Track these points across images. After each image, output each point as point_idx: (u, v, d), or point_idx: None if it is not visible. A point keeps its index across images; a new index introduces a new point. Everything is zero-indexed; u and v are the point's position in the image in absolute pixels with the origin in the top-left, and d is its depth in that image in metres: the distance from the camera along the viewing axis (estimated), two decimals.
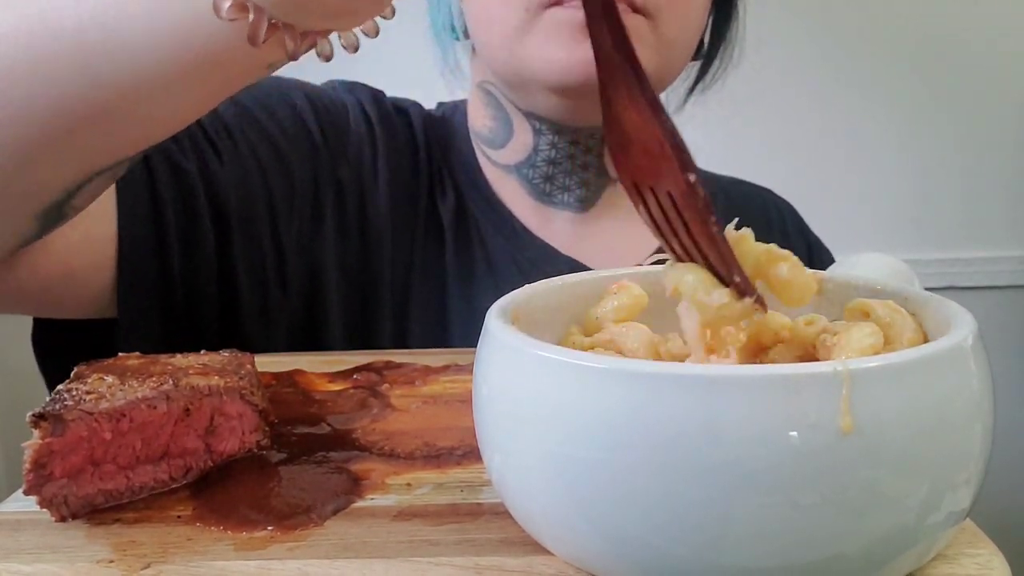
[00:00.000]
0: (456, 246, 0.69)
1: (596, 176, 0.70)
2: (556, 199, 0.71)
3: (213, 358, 0.43)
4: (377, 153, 0.69)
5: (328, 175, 0.66)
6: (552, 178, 0.70)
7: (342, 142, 0.67)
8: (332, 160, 0.66)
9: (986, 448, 0.29)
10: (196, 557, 0.32)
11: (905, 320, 0.33)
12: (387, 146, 0.69)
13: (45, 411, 0.34)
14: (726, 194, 0.79)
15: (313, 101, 0.67)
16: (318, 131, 0.66)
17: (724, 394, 0.25)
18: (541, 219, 0.71)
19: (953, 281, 1.40)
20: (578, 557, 0.30)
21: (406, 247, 0.68)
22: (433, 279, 0.68)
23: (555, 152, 0.69)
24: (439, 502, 0.36)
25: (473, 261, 0.69)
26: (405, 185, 0.69)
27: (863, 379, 0.25)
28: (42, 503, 0.34)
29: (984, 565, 0.30)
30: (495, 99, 0.70)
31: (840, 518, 0.26)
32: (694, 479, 0.25)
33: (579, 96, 0.63)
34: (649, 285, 0.38)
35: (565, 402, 0.27)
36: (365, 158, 0.68)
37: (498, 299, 0.35)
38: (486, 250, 0.69)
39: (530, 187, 0.71)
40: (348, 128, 0.68)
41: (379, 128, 0.69)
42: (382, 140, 0.69)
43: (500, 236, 0.70)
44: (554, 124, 0.67)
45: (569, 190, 0.70)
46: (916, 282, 0.50)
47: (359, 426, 0.44)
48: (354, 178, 0.67)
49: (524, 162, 0.70)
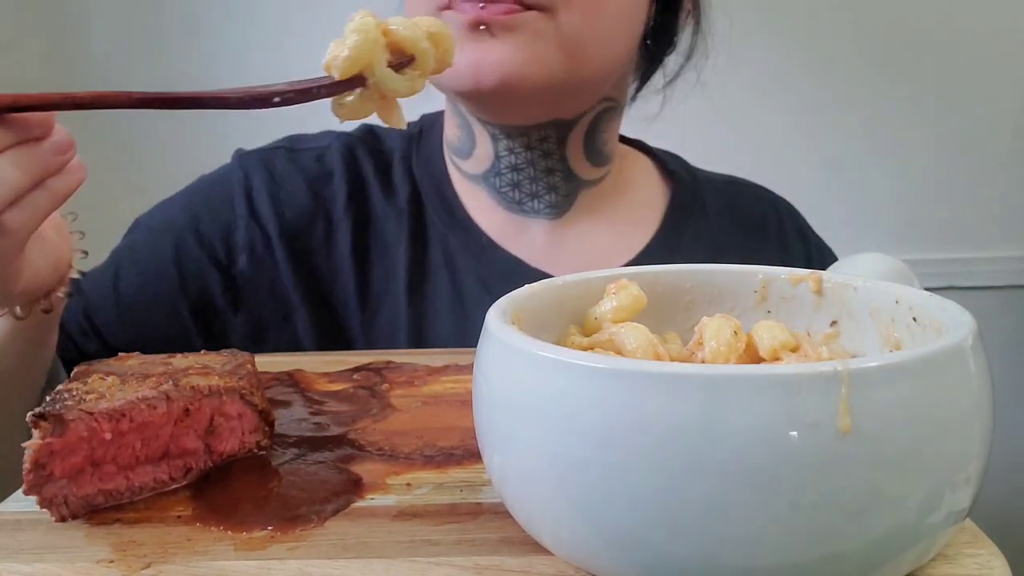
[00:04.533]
0: (420, 267, 0.68)
1: (564, 180, 0.68)
2: (527, 207, 0.69)
3: (213, 358, 0.43)
4: (279, 210, 0.68)
5: (225, 280, 0.67)
6: (519, 185, 0.68)
7: (228, 244, 0.67)
8: (227, 263, 0.67)
9: (986, 448, 0.29)
10: (196, 557, 0.32)
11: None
12: (282, 200, 0.69)
13: (45, 411, 0.34)
14: (722, 195, 0.77)
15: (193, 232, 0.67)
16: (197, 252, 0.67)
17: (724, 394, 0.25)
18: (514, 230, 0.69)
19: (953, 281, 1.40)
20: (578, 557, 0.30)
21: (376, 279, 0.68)
22: (399, 304, 0.67)
23: (515, 158, 0.67)
24: (439, 502, 0.36)
25: (437, 282, 0.68)
26: (366, 219, 0.69)
27: (862, 379, 0.25)
28: (42, 503, 0.34)
29: (984, 565, 0.30)
30: (457, 107, 0.68)
31: (840, 518, 0.26)
32: (693, 479, 0.25)
33: (493, 101, 0.62)
34: (648, 285, 0.38)
35: (565, 402, 0.27)
36: (269, 225, 0.68)
37: (463, 324, 0.35)
38: (453, 268, 0.68)
39: (499, 196, 0.69)
40: (234, 221, 0.68)
41: (277, 190, 0.69)
42: (280, 196, 0.69)
43: (467, 253, 0.68)
44: (501, 127, 0.66)
45: (538, 196, 0.69)
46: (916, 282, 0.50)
47: (359, 426, 0.44)
48: (253, 258, 0.67)
49: (490, 170, 0.68)
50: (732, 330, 0.33)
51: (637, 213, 0.73)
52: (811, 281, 0.39)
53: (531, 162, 0.67)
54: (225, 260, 0.67)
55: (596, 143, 0.68)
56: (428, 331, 0.66)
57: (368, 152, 0.72)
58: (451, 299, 0.67)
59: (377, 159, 0.72)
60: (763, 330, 0.34)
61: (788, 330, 0.35)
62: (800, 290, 0.39)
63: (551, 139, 0.66)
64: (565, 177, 0.68)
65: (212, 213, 0.68)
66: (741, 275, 0.40)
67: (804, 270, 0.39)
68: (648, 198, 0.74)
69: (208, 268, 0.67)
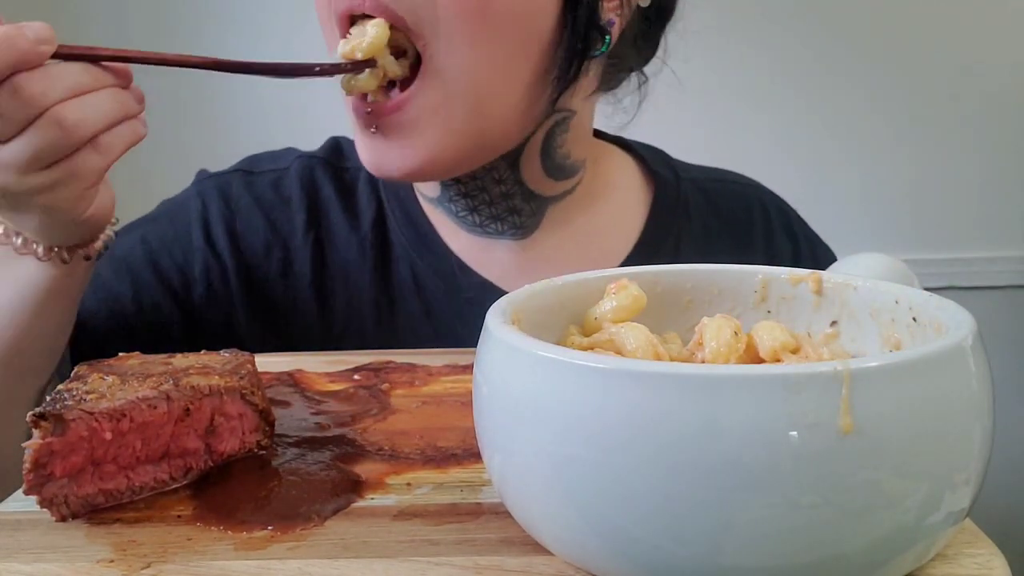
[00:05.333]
0: (386, 292, 0.67)
1: (526, 200, 0.65)
2: (490, 229, 0.66)
3: (213, 358, 0.43)
4: (237, 239, 0.68)
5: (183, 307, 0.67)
6: (476, 210, 0.65)
7: (184, 276, 0.67)
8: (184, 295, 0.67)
9: (986, 448, 0.29)
10: (196, 557, 0.32)
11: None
12: (237, 231, 0.68)
13: (45, 411, 0.34)
14: (705, 194, 0.73)
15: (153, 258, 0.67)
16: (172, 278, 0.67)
17: (724, 394, 0.25)
18: (480, 250, 0.67)
19: (953, 281, 1.40)
20: (578, 557, 0.30)
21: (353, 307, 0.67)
22: (364, 330, 0.66)
23: (463, 187, 0.64)
24: (439, 502, 0.36)
25: (408, 305, 0.67)
26: (327, 245, 0.68)
27: (863, 379, 0.25)
28: (42, 503, 0.34)
29: (984, 565, 0.30)
30: None
31: (840, 518, 0.26)
32: (694, 479, 0.25)
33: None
34: (648, 285, 0.38)
35: (565, 402, 0.27)
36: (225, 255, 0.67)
37: (438, 346, 0.35)
38: (423, 291, 0.67)
39: (459, 220, 0.67)
40: (193, 258, 0.67)
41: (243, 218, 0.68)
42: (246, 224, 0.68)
43: (437, 276, 0.67)
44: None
45: (500, 219, 0.65)
46: (916, 282, 0.50)
47: (359, 426, 0.44)
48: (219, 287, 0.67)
49: (441, 196, 0.66)
50: (732, 331, 0.33)
51: (615, 222, 0.70)
52: (811, 281, 0.39)
53: (483, 188, 0.64)
54: (182, 292, 0.67)
55: (554, 158, 0.64)
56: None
57: (331, 174, 0.70)
58: (423, 322, 0.66)
59: (339, 181, 0.70)
60: (763, 331, 0.34)
61: (788, 331, 0.35)
62: (800, 290, 0.39)
63: (500, 167, 0.63)
64: (526, 198, 0.65)
65: (169, 245, 0.67)
66: (741, 275, 0.40)
67: (804, 270, 0.39)
68: (629, 202, 0.71)
69: (165, 300, 0.66)
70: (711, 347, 0.33)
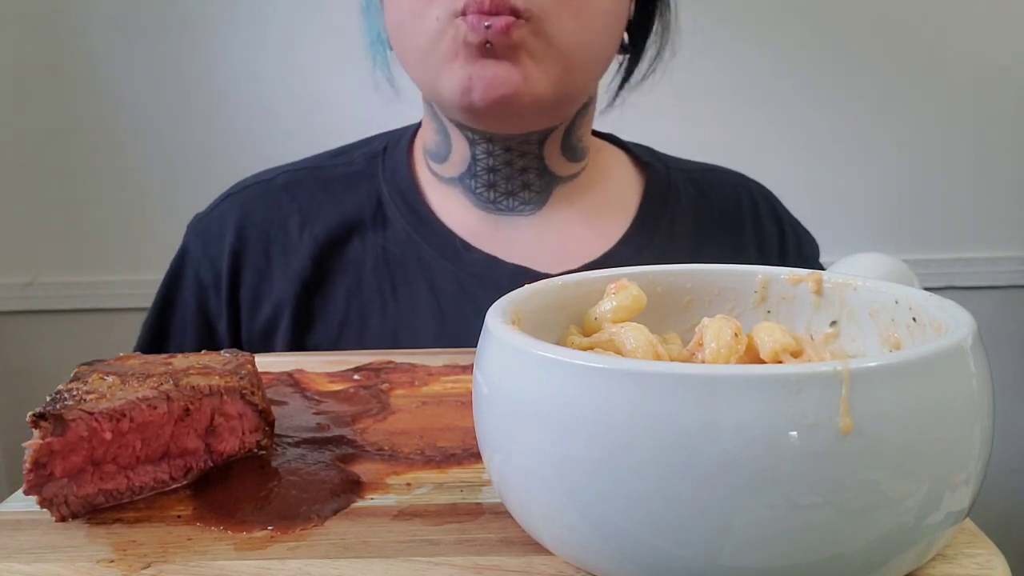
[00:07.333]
0: (391, 280, 0.69)
1: (539, 176, 0.69)
2: (502, 205, 0.70)
3: (214, 358, 0.43)
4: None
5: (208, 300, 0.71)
6: (494, 185, 0.69)
7: (216, 268, 0.71)
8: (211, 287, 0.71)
9: (986, 448, 0.29)
10: (196, 557, 0.32)
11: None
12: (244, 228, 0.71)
13: (45, 411, 0.34)
14: (694, 183, 0.77)
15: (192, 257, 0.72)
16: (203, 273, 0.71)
17: (724, 394, 0.25)
18: (489, 229, 0.70)
19: (953, 281, 1.40)
20: (578, 557, 0.30)
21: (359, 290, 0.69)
22: (379, 315, 0.68)
23: (492, 160, 0.68)
24: (439, 502, 0.36)
25: (414, 290, 0.68)
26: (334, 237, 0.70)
27: (863, 379, 0.25)
28: (42, 503, 0.34)
29: (984, 565, 0.30)
30: (434, 111, 0.68)
31: (840, 518, 0.26)
32: (694, 479, 0.25)
33: (488, 116, 0.63)
34: (648, 285, 0.38)
35: (565, 402, 0.27)
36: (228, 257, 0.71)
37: (443, 328, 0.35)
38: (430, 274, 0.68)
39: (475, 198, 0.70)
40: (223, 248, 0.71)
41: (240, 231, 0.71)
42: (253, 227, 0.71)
43: (443, 258, 0.69)
44: (484, 134, 0.66)
45: (514, 194, 0.70)
46: (916, 282, 0.50)
47: (359, 426, 0.44)
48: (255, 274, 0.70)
49: (465, 173, 0.69)
50: (733, 331, 0.33)
51: (613, 204, 0.74)
52: (811, 281, 0.39)
53: (508, 163, 0.68)
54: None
55: (572, 140, 0.70)
56: (406, 339, 0.67)
57: (316, 176, 0.74)
58: (429, 305, 0.67)
59: (329, 182, 0.73)
60: (764, 332, 0.34)
61: (789, 332, 0.35)
62: (800, 290, 0.39)
63: (532, 142, 0.67)
64: (540, 174, 0.69)
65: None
66: (741, 275, 0.40)
67: (804, 270, 0.39)
68: (623, 189, 0.75)
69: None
70: (711, 348, 0.33)
